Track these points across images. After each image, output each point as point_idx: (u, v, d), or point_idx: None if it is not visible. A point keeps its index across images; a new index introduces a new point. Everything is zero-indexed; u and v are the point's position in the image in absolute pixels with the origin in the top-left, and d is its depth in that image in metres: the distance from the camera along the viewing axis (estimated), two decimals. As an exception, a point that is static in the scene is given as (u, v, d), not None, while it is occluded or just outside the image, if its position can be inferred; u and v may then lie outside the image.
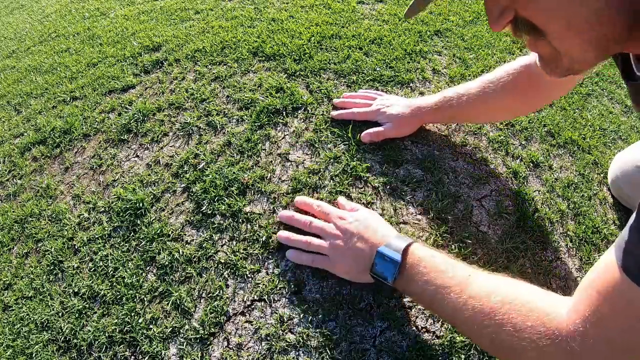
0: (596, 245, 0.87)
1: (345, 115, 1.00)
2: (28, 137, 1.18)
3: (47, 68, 1.49)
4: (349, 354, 0.66)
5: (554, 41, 0.47)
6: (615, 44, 0.46)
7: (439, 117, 0.96)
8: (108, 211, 0.91)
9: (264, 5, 1.50)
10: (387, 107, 0.97)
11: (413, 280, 0.61)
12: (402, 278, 0.63)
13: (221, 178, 0.90)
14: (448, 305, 0.57)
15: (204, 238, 0.82)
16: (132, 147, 1.05)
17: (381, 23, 1.38)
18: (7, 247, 0.92)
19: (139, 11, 1.69)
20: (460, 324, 0.57)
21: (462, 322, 0.56)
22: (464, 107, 0.91)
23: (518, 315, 0.50)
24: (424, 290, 0.60)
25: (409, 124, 0.96)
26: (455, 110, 0.92)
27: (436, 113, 0.94)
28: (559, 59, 0.49)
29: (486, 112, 0.95)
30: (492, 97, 0.89)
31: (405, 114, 0.95)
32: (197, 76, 1.21)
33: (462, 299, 0.55)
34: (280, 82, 1.12)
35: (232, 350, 0.68)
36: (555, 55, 0.49)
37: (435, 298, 0.59)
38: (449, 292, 0.57)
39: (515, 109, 0.95)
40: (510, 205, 0.88)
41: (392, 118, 0.96)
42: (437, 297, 0.58)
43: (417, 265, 0.62)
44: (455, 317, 0.57)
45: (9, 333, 0.77)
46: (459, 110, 0.91)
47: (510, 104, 0.91)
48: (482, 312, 0.53)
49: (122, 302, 0.76)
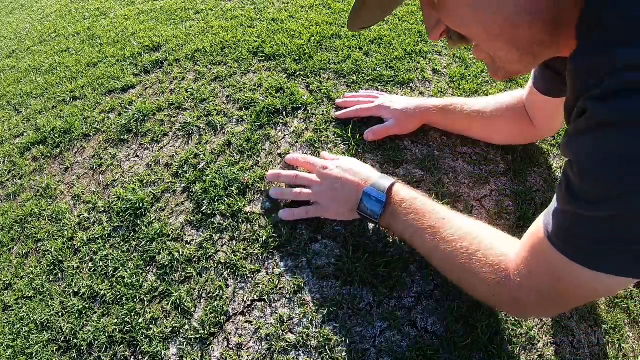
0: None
1: (349, 113, 0.99)
2: (28, 137, 1.18)
3: (47, 68, 1.49)
4: (349, 354, 0.66)
5: (481, 46, 0.51)
6: (542, 47, 0.49)
7: (442, 119, 0.96)
8: (108, 211, 0.91)
9: (264, 5, 1.50)
10: (391, 102, 0.97)
11: (395, 219, 0.69)
12: (386, 216, 0.70)
13: (221, 178, 0.90)
14: (424, 246, 0.66)
15: (204, 238, 0.82)
16: (132, 147, 1.05)
17: (381, 23, 1.38)
18: (7, 247, 0.92)
19: (139, 11, 1.69)
20: (435, 263, 0.67)
21: (436, 261, 0.66)
22: (466, 116, 0.92)
23: (479, 259, 0.58)
24: (405, 229, 0.68)
25: (413, 121, 0.96)
26: (457, 117, 0.93)
27: (439, 114, 0.94)
28: (495, 62, 0.53)
29: (485, 129, 0.95)
30: (495, 116, 0.91)
31: (409, 110, 0.95)
32: (197, 76, 1.21)
33: (435, 241, 0.64)
34: (280, 82, 1.12)
35: (232, 350, 0.68)
36: (491, 59, 0.53)
37: (414, 238, 0.67)
38: (425, 234, 0.65)
39: (513, 135, 0.96)
40: (510, 205, 0.88)
41: (396, 114, 0.95)
42: (415, 237, 0.67)
43: (399, 206, 0.69)
44: (430, 256, 0.66)
45: (9, 333, 0.77)
46: (460, 118, 0.93)
47: (511, 128, 0.93)
48: (450, 254, 0.61)
49: (122, 302, 0.76)
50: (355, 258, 0.75)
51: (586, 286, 0.47)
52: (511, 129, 0.93)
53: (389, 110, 0.96)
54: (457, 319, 0.69)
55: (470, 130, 0.98)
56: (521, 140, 0.99)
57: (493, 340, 0.67)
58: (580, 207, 0.42)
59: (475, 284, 0.60)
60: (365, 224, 0.81)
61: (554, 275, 0.49)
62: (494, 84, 1.19)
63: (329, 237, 0.80)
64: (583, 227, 0.43)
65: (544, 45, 0.49)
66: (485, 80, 1.19)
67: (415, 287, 0.73)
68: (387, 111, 0.97)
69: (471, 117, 0.92)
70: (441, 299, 0.72)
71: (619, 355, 0.72)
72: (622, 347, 0.73)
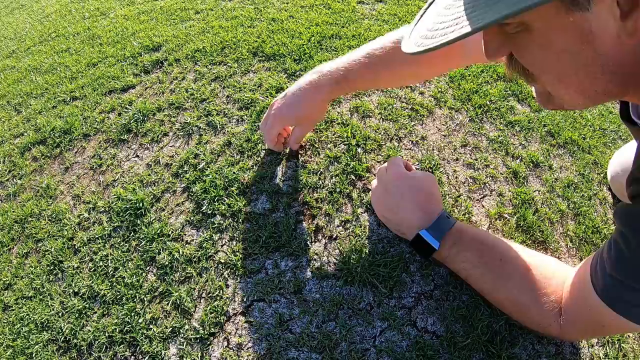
0: (596, 245, 0.87)
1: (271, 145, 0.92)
2: (28, 137, 1.18)
3: (47, 68, 1.49)
4: (349, 354, 0.66)
5: (546, 85, 0.49)
6: (609, 96, 0.48)
7: (347, 88, 0.85)
8: (108, 211, 0.91)
9: (264, 5, 1.50)
10: (275, 107, 0.87)
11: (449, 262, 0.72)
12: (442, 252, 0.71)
13: (221, 178, 0.90)
14: (484, 286, 0.69)
15: (204, 238, 0.82)
16: (132, 147, 1.05)
17: (381, 23, 1.38)
18: (7, 247, 0.92)
19: (139, 11, 1.69)
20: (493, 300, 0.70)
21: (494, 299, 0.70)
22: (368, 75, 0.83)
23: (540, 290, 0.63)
24: (459, 271, 0.72)
25: (312, 112, 0.86)
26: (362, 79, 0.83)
27: (341, 84, 0.83)
28: (550, 97, 0.51)
29: (394, 79, 0.90)
30: (398, 63, 0.80)
31: (304, 97, 0.83)
32: (197, 76, 1.21)
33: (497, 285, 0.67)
34: (280, 82, 1.12)
35: (232, 350, 0.68)
36: (547, 93, 0.51)
37: (473, 274, 0.70)
38: (484, 276, 0.68)
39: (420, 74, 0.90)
40: (510, 205, 0.88)
41: (292, 114, 0.84)
42: (473, 274, 0.69)
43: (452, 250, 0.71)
44: (490, 294, 0.70)
45: (9, 333, 0.77)
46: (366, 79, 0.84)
47: (415, 71, 0.85)
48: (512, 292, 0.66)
49: (122, 302, 0.76)
50: (355, 258, 0.75)
51: (629, 328, 0.54)
52: (416, 71, 0.84)
53: (283, 119, 0.86)
54: (457, 319, 0.69)
55: (379, 84, 0.94)
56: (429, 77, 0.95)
57: (493, 340, 0.67)
58: (629, 279, 0.49)
59: (532, 311, 0.64)
60: (365, 224, 0.81)
61: (599, 323, 0.56)
62: (494, 84, 1.19)
63: (329, 237, 0.80)
64: (631, 295, 0.50)
65: (611, 95, 0.48)
66: (485, 81, 1.19)
67: (415, 287, 0.73)
68: (282, 120, 0.87)
69: (375, 72, 0.82)
70: (441, 299, 0.72)
71: (619, 355, 0.72)
72: (622, 347, 0.73)
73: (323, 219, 0.83)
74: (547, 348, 0.68)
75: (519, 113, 1.11)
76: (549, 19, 0.41)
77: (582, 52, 0.42)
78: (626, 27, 0.39)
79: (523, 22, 0.43)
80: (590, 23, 0.40)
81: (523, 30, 0.44)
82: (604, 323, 0.56)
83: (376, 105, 1.07)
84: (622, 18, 0.39)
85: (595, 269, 0.55)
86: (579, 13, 0.39)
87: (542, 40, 0.44)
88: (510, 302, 0.67)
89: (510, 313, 0.68)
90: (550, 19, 0.41)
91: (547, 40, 0.43)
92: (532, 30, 0.43)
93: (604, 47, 0.42)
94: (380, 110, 1.06)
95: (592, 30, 0.40)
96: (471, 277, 0.70)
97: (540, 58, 0.46)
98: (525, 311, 0.65)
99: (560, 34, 0.42)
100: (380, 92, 1.11)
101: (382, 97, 1.10)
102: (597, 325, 0.58)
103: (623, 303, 0.51)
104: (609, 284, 0.52)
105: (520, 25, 0.44)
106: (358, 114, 1.04)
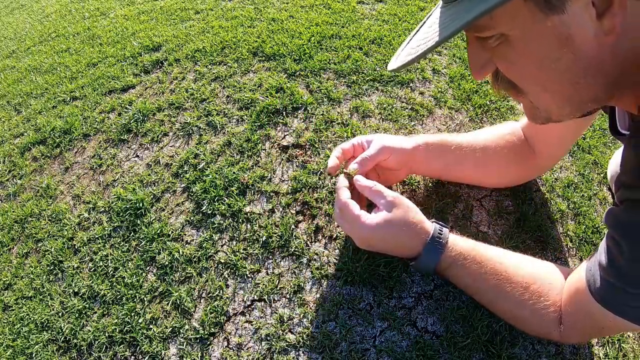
0: (596, 245, 0.87)
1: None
2: (28, 137, 1.18)
3: (47, 68, 1.49)
4: (349, 354, 0.66)
5: (532, 99, 0.50)
6: (595, 103, 0.49)
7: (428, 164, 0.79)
8: (108, 211, 0.91)
9: (264, 5, 1.50)
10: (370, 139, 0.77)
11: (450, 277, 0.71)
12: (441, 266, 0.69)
13: (221, 178, 0.90)
14: (481, 302, 0.70)
15: (204, 238, 0.82)
16: (132, 147, 1.05)
17: (381, 23, 1.38)
18: (7, 247, 0.92)
19: (139, 11, 1.69)
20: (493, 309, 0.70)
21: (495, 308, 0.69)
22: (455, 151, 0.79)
23: (539, 297, 0.63)
24: (458, 284, 0.71)
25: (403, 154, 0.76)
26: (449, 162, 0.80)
27: (427, 154, 0.78)
28: (538, 110, 0.52)
29: (478, 167, 0.82)
30: (489, 148, 0.79)
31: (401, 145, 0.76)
32: (197, 76, 1.21)
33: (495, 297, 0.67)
34: (280, 82, 1.12)
35: (232, 350, 0.68)
36: (534, 107, 0.52)
37: (472, 291, 0.69)
38: (480, 297, 0.69)
39: (512, 171, 0.84)
40: (510, 205, 0.88)
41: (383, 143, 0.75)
42: (473, 291, 0.69)
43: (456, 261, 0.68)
44: (488, 309, 0.70)
45: (9, 333, 0.77)
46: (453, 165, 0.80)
47: (508, 160, 0.81)
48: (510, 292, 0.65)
49: (122, 302, 0.76)
50: (355, 258, 0.75)
51: (628, 327, 0.55)
52: (509, 160, 0.81)
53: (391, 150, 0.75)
54: (457, 319, 0.69)
55: (464, 177, 0.85)
56: (521, 175, 0.87)
57: (493, 340, 0.67)
58: (625, 285, 0.49)
59: (532, 323, 0.65)
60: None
61: (599, 326, 0.58)
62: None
63: (328, 237, 0.80)
64: (628, 297, 0.50)
65: (598, 101, 0.49)
66: (485, 81, 1.19)
67: (415, 287, 0.73)
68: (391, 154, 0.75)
69: (463, 152, 0.78)
70: (441, 299, 0.72)
71: (619, 355, 0.72)
72: (622, 347, 0.73)
73: (323, 219, 0.83)
74: (547, 348, 0.68)
75: (519, 113, 1.11)
76: (525, 27, 0.42)
77: (563, 57, 0.43)
78: (603, 26, 0.40)
79: (502, 34, 0.44)
80: (567, 27, 0.40)
81: (503, 42, 0.44)
82: (603, 325, 0.57)
83: (376, 105, 1.07)
84: (598, 17, 0.40)
85: (591, 274, 0.55)
86: (555, 16, 0.40)
87: (522, 49, 0.44)
88: (510, 317, 0.68)
89: (511, 324, 0.69)
90: (526, 26, 0.42)
91: (526, 49, 0.44)
92: (511, 40, 0.44)
93: (583, 50, 0.42)
94: (380, 110, 1.06)
95: (570, 33, 0.41)
96: (468, 293, 0.71)
97: (522, 68, 0.46)
98: (527, 324, 0.66)
99: (539, 40, 0.42)
100: (380, 92, 1.12)
101: (382, 97, 1.10)
102: (596, 328, 0.59)
103: (621, 306, 0.52)
104: (606, 288, 0.53)
105: (500, 37, 0.44)
106: (358, 114, 1.04)
